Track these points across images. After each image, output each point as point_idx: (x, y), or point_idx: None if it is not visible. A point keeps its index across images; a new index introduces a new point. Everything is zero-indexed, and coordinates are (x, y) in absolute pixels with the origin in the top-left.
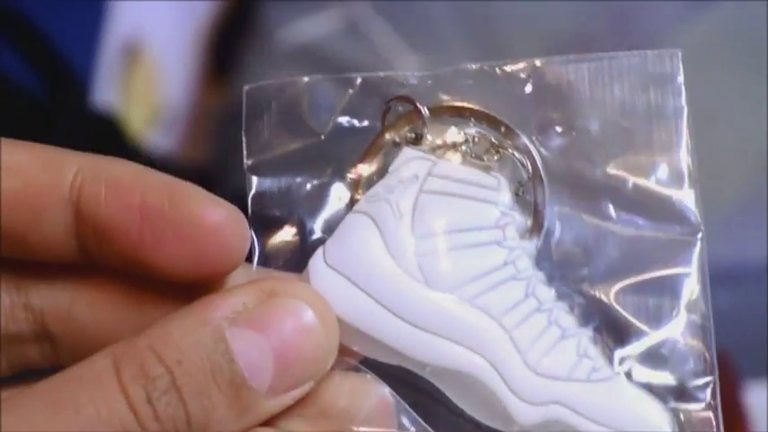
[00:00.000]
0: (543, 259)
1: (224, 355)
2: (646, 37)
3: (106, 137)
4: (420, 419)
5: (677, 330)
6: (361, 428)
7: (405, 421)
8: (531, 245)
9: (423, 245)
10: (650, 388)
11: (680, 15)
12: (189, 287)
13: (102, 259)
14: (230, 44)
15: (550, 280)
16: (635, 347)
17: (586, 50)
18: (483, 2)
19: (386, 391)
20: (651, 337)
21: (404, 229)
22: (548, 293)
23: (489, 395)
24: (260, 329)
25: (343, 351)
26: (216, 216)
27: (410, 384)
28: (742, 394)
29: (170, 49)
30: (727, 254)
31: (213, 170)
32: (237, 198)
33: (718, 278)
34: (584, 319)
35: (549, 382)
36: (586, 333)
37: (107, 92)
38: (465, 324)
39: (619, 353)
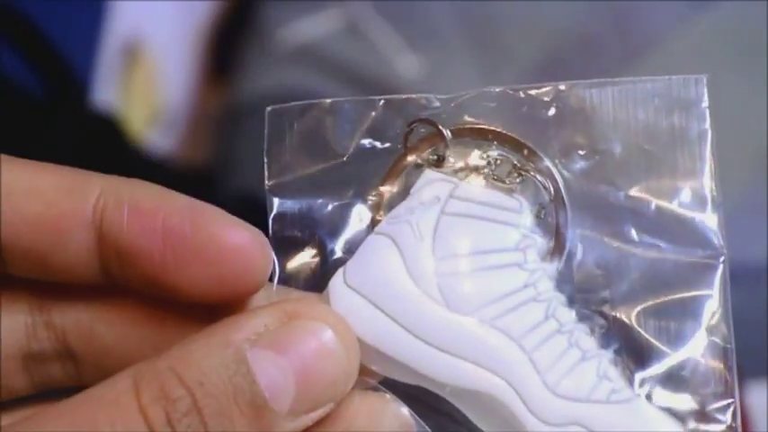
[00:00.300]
0: (565, 281)
1: (245, 377)
2: (646, 37)
3: (106, 137)
4: None
5: (698, 352)
6: None
7: None
8: (552, 267)
9: (443, 266)
10: (671, 410)
11: (680, 15)
12: (213, 307)
13: (125, 281)
14: (230, 44)
15: (571, 302)
16: (656, 369)
17: (587, 50)
18: (483, 2)
19: (405, 411)
20: (672, 359)
21: (424, 251)
22: (568, 315)
23: (509, 416)
24: (281, 351)
25: (363, 371)
26: (238, 238)
27: (430, 405)
28: (741, 394)
29: (170, 49)
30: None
31: (213, 170)
32: (238, 198)
33: None
34: (606, 341)
35: (569, 404)
36: (607, 355)
37: (107, 92)
38: (485, 345)
39: (639, 375)
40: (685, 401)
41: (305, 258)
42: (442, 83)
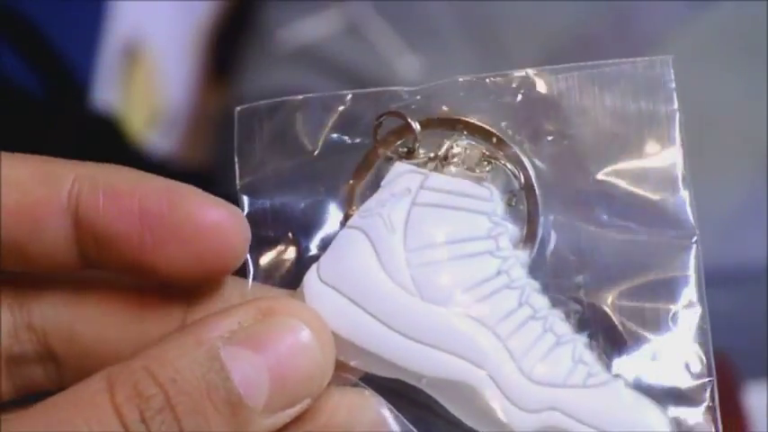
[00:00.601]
0: (538, 268)
1: (219, 374)
2: (646, 37)
3: (106, 137)
4: None
5: (674, 333)
6: None
7: None
8: (525, 254)
9: (415, 258)
10: (649, 391)
11: (680, 15)
12: (189, 305)
13: (104, 266)
14: (230, 44)
15: (546, 288)
16: (632, 352)
17: (586, 51)
18: (483, 2)
19: (384, 405)
20: (648, 342)
21: (396, 243)
22: (542, 301)
23: (486, 404)
24: (255, 348)
25: (340, 366)
26: (215, 216)
27: (408, 398)
28: (741, 396)
29: (170, 49)
30: (726, 255)
31: (213, 171)
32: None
33: (717, 279)
34: (581, 326)
35: (545, 389)
36: (582, 339)
37: (107, 92)
38: (460, 334)
39: (616, 358)
40: (663, 382)
41: (279, 256)
42: None
